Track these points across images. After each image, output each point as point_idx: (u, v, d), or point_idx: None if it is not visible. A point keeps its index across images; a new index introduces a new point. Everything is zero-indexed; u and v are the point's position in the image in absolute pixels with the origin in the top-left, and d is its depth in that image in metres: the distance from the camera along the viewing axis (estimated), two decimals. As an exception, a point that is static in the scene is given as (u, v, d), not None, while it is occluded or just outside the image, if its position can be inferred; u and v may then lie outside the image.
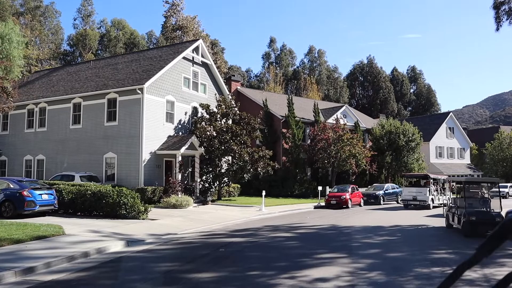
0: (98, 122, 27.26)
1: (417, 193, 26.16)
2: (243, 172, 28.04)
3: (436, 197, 26.90)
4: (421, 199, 25.77)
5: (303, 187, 35.84)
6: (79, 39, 55.70)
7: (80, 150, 27.86)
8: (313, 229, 15.11)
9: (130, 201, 16.76)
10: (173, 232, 14.04)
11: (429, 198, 25.93)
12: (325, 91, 73.87)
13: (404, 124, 43.46)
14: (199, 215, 19.58)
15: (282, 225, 16.49)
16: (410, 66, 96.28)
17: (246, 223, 17.37)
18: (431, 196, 26.25)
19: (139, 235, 12.89)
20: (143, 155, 25.00)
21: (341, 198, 27.35)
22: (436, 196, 26.99)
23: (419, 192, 26.17)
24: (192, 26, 42.26)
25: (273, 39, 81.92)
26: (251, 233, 13.74)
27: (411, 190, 26.81)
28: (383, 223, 17.15)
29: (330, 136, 35.82)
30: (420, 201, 25.80)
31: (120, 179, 25.73)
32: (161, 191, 24.68)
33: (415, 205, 26.28)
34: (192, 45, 29.96)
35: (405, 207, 26.79)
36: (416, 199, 25.98)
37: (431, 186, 26.85)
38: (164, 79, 27.08)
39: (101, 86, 27.91)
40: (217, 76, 32.23)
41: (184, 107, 28.83)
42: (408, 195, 26.71)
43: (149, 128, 25.55)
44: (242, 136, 27.77)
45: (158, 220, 16.89)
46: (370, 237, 12.80)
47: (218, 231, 14.62)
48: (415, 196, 26.10)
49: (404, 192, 27.61)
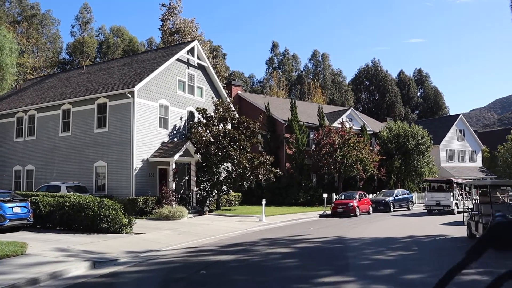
0: (87, 129, 25.71)
1: (440, 198, 25.73)
2: (242, 179, 26.23)
3: (461, 202, 25.99)
4: (445, 204, 25.30)
5: (308, 195, 33.95)
6: (76, 47, 54.54)
7: (70, 159, 26.30)
8: (316, 243, 13.27)
9: (111, 214, 15.04)
10: (155, 249, 12.30)
11: (453, 203, 25.37)
12: (330, 95, 72.08)
13: (413, 126, 41.51)
14: (192, 228, 17.81)
15: (282, 237, 14.67)
16: (416, 69, 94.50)
17: (242, 236, 15.57)
18: (455, 201, 25.78)
19: (113, 254, 11.16)
20: (134, 163, 23.34)
21: (348, 205, 25.46)
22: (460, 201, 26.17)
23: (443, 197, 25.71)
24: (190, 30, 40.84)
25: (275, 44, 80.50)
26: (244, 249, 11.95)
27: (434, 195, 26.37)
28: (395, 234, 15.26)
29: (336, 141, 34.00)
30: (443, 206, 25.33)
31: (110, 189, 24.08)
32: (154, 201, 22.95)
33: (438, 210, 25.87)
34: (187, 47, 28.41)
35: (429, 212, 26.24)
36: (439, 204, 25.53)
37: (455, 190, 26.22)
38: (157, 82, 25.51)
39: (90, 91, 26.40)
40: (214, 79, 30.61)
41: (179, 111, 27.20)
42: (431, 200, 26.26)
43: (141, 134, 23.92)
44: (241, 142, 26.05)
45: (143, 235, 15.14)
46: (381, 252, 10.95)
47: (208, 246, 12.85)
48: (438, 201, 25.65)
49: (427, 197, 27.08)
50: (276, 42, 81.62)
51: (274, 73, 70.14)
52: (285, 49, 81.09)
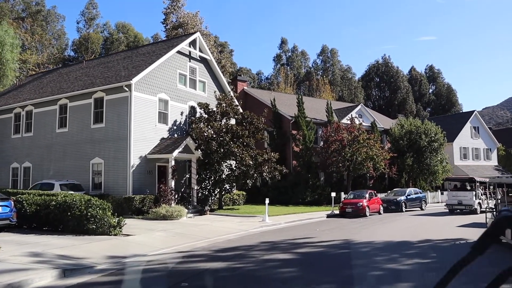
0: (84, 125, 24.65)
1: (462, 197, 25.09)
2: (246, 177, 24.95)
3: (484, 201, 24.98)
4: (467, 203, 24.64)
5: (316, 193, 32.56)
6: (82, 43, 53.71)
7: (67, 156, 25.28)
8: (321, 247, 11.93)
9: (99, 214, 13.87)
10: (141, 253, 11.09)
11: (476, 202, 24.61)
12: (339, 92, 70.38)
13: (426, 123, 39.82)
14: (188, 229, 16.58)
15: (283, 241, 13.35)
16: (428, 65, 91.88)
17: (241, 239, 14.30)
18: (478, 200, 24.94)
19: (92, 259, 9.97)
20: (131, 160, 22.20)
21: (358, 205, 24.06)
22: (484, 200, 25.16)
23: (465, 196, 25.09)
24: (193, 23, 39.62)
25: (284, 40, 78.97)
26: (240, 254, 10.67)
27: (456, 194, 25.77)
28: (409, 237, 13.86)
29: (345, 137, 32.54)
30: (466, 205, 24.68)
31: (107, 187, 23.00)
32: (152, 200, 21.78)
33: (461, 209, 25.09)
34: (188, 39, 27.17)
35: (450, 212, 25.64)
36: (461, 204, 24.90)
37: (478, 189, 25.42)
38: (156, 76, 24.33)
39: (87, 85, 25.34)
40: (218, 73, 29.35)
41: (180, 106, 26.00)
42: (453, 200, 25.62)
43: (139, 129, 22.77)
44: (244, 138, 24.76)
45: (133, 237, 13.95)
46: (395, 259, 9.58)
47: (200, 250, 11.59)
48: (460, 200, 25.00)
49: (449, 196, 26.54)
50: (285, 38, 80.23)
51: (282, 69, 68.67)
52: (293, 46, 79.71)
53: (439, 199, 38.61)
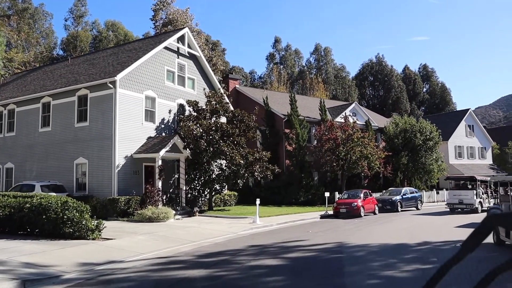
0: (68, 124, 23.67)
1: (463, 196, 24.97)
2: (236, 177, 24.09)
3: (486, 200, 25.09)
4: (468, 202, 24.51)
5: (309, 193, 31.74)
6: (70, 41, 52.50)
7: (50, 156, 24.29)
8: (313, 251, 11.10)
9: (76, 216, 12.95)
10: (118, 259, 10.20)
11: (477, 202, 24.44)
12: (333, 91, 69.65)
13: (421, 121, 39.19)
14: (174, 232, 15.69)
15: (273, 244, 12.51)
16: (421, 64, 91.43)
17: (228, 242, 13.44)
18: (479, 199, 24.81)
19: (62, 267, 9.08)
20: (116, 160, 21.26)
21: (352, 205, 23.28)
22: (485, 199, 25.22)
23: (466, 195, 24.97)
24: (184, 20, 38.66)
25: (278, 39, 78.14)
26: (224, 260, 9.83)
27: (456, 193, 25.67)
28: (406, 239, 13.07)
29: (339, 136, 31.77)
30: (466, 204, 24.54)
31: (92, 188, 22.06)
32: (138, 201, 20.86)
33: (461, 209, 24.95)
34: (176, 34, 26.27)
35: (451, 211, 25.48)
36: (462, 203, 24.77)
37: (479, 188, 25.33)
38: (142, 72, 23.41)
39: (71, 82, 24.36)
40: (207, 70, 28.45)
41: (168, 104, 25.09)
42: (453, 199, 25.48)
43: (124, 128, 21.84)
44: (234, 136, 23.90)
45: (112, 241, 13.04)
46: (393, 265, 8.77)
47: (182, 256, 10.73)
48: (461, 199, 24.87)
49: (449, 196, 26.37)
50: (278, 37, 79.40)
51: (275, 68, 67.83)
52: (287, 44, 78.83)
53: (434, 198, 37.98)
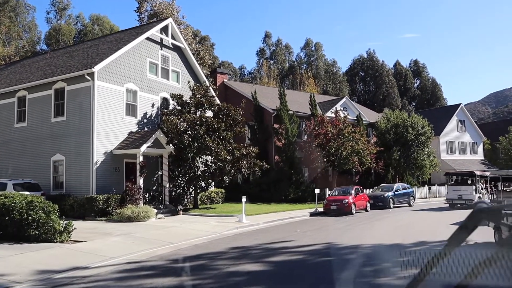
0: (44, 118, 22.44)
1: (462, 191, 24.85)
2: (222, 174, 23.07)
3: (485, 195, 24.80)
4: (467, 198, 24.28)
5: (299, 190, 30.80)
6: (52, 35, 50.87)
7: (26, 152, 23.03)
8: (299, 254, 10.15)
9: (42, 217, 11.85)
10: (83, 265, 9.15)
11: (476, 197, 24.13)
12: (323, 86, 68.81)
13: (413, 116, 38.46)
14: (153, 232, 14.64)
15: (257, 246, 11.54)
16: (412, 60, 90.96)
17: (209, 244, 12.43)
18: (479, 194, 24.56)
19: (17, 275, 8.03)
20: (94, 156, 20.10)
21: (343, 202, 22.41)
22: (484, 194, 24.95)
23: (465, 190, 24.79)
24: (169, 12, 37.44)
25: (268, 34, 76.95)
26: (200, 265, 8.82)
27: (455, 189, 25.63)
28: (401, 239, 12.19)
29: (329, 131, 30.87)
30: (465, 200, 24.33)
31: (69, 187, 20.90)
32: (118, 200, 19.74)
33: (461, 204, 24.80)
34: (160, 24, 25.10)
35: (451, 206, 25.25)
36: (461, 198, 24.67)
37: (478, 183, 25.13)
38: (122, 64, 22.24)
39: (48, 75, 23.10)
40: (193, 63, 27.32)
41: (151, 97, 23.95)
42: (453, 194, 25.43)
43: (103, 122, 20.68)
44: (220, 131, 22.86)
45: (82, 244, 11.96)
46: (387, 270, 7.83)
47: (156, 260, 9.70)
48: (460, 195, 24.80)
49: (449, 191, 26.33)
50: (269, 32, 78.20)
51: (265, 62, 66.75)
52: (278, 39, 77.72)
53: (426, 194, 37.37)
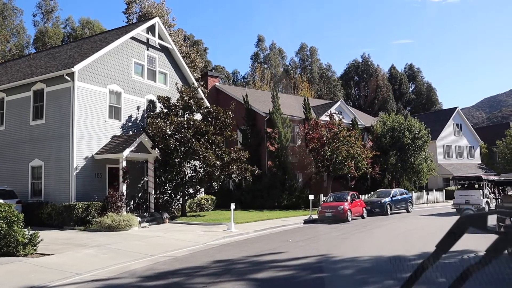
0: (23, 122, 21.24)
1: (469, 196, 24.64)
2: (211, 179, 21.90)
3: (493, 200, 24.31)
4: (475, 202, 24.01)
5: (293, 196, 29.67)
6: (39, 38, 49.64)
7: (3, 158, 21.80)
8: (290, 269, 9.01)
9: (3, 228, 10.64)
10: (42, 284, 7.96)
11: (484, 202, 23.98)
12: (318, 90, 67.94)
13: (409, 119, 37.53)
14: (132, 243, 13.44)
15: (243, 259, 10.38)
16: (407, 64, 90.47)
17: (190, 256, 11.25)
18: (486, 199, 24.31)
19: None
20: (74, 161, 18.89)
21: (338, 209, 21.30)
22: (492, 199, 24.53)
23: (472, 195, 24.63)
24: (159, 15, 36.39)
25: (261, 38, 76.12)
26: (175, 283, 7.67)
27: (463, 194, 25.39)
28: (402, 249, 11.08)
29: (324, 135, 29.86)
30: (473, 204, 23.88)
31: (48, 194, 19.66)
32: (99, 207, 18.52)
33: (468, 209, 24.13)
34: (145, 24, 24.04)
35: (458, 212, 24.73)
36: (469, 203, 24.33)
37: (486, 188, 24.77)
38: (105, 64, 21.11)
39: (27, 76, 21.92)
40: (181, 64, 26.24)
41: (136, 100, 22.82)
42: (460, 199, 25.06)
43: (84, 125, 19.50)
44: (209, 135, 21.72)
45: (48, 257, 10.74)
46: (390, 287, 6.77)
47: (126, 277, 8.52)
48: (467, 199, 24.52)
49: (456, 196, 25.78)
50: (262, 36, 77.37)
51: (258, 66, 65.81)
52: (272, 43, 76.86)
53: (424, 199, 36.36)
